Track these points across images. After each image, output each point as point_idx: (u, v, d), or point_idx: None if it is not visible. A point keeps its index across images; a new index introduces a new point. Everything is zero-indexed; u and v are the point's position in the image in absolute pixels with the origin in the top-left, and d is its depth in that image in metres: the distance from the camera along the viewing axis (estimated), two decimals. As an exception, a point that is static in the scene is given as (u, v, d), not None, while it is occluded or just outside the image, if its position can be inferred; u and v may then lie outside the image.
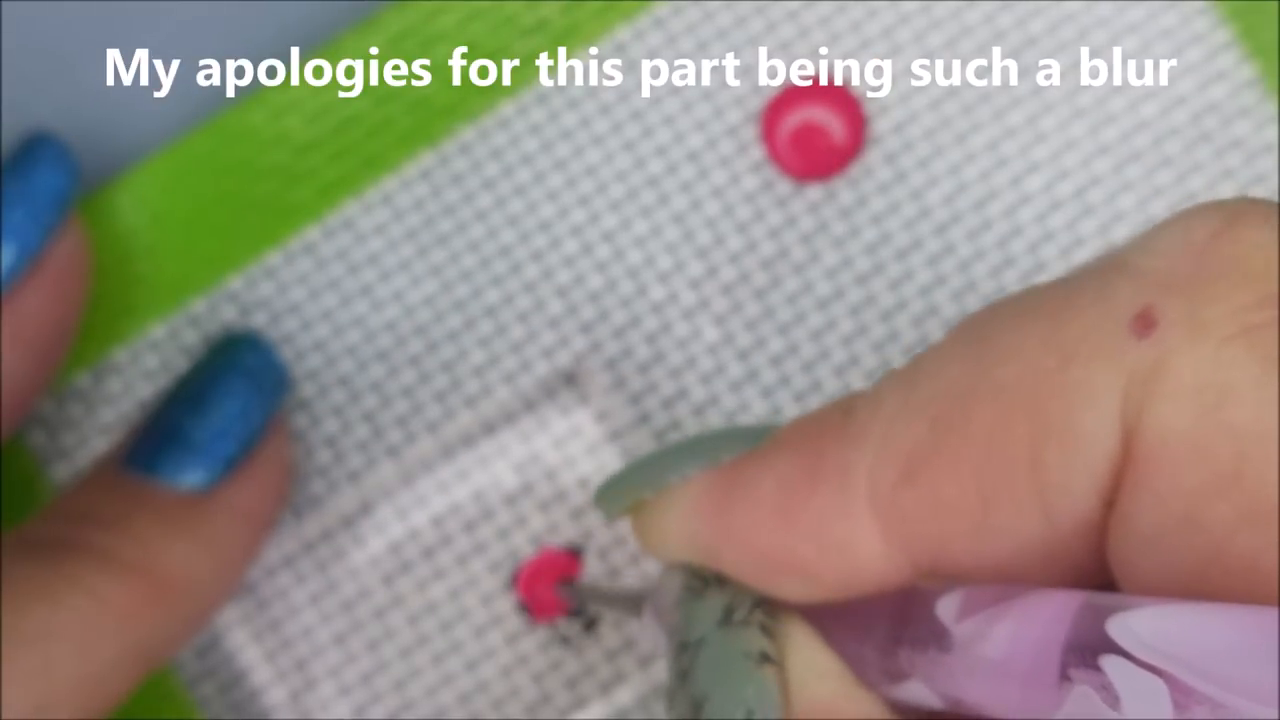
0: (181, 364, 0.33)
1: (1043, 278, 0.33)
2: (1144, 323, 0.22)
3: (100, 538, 0.30)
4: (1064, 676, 0.20)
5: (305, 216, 0.34)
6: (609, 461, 0.34)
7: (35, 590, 0.29)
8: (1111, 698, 0.20)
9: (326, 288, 0.34)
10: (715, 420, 0.34)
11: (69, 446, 0.33)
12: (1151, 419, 0.21)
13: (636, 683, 0.33)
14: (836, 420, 0.24)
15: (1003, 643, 0.21)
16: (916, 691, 0.23)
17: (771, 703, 0.23)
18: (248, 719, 0.33)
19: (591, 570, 0.34)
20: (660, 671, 0.33)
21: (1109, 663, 0.20)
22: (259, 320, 0.34)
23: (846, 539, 0.24)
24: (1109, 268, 0.23)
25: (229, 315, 0.34)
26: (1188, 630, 0.19)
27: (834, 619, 0.25)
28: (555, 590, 0.33)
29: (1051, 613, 0.21)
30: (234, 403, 0.32)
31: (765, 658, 0.24)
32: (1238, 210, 0.22)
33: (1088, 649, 0.20)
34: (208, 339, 0.33)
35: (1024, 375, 0.22)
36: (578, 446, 0.34)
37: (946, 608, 0.23)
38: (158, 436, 0.31)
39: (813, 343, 0.34)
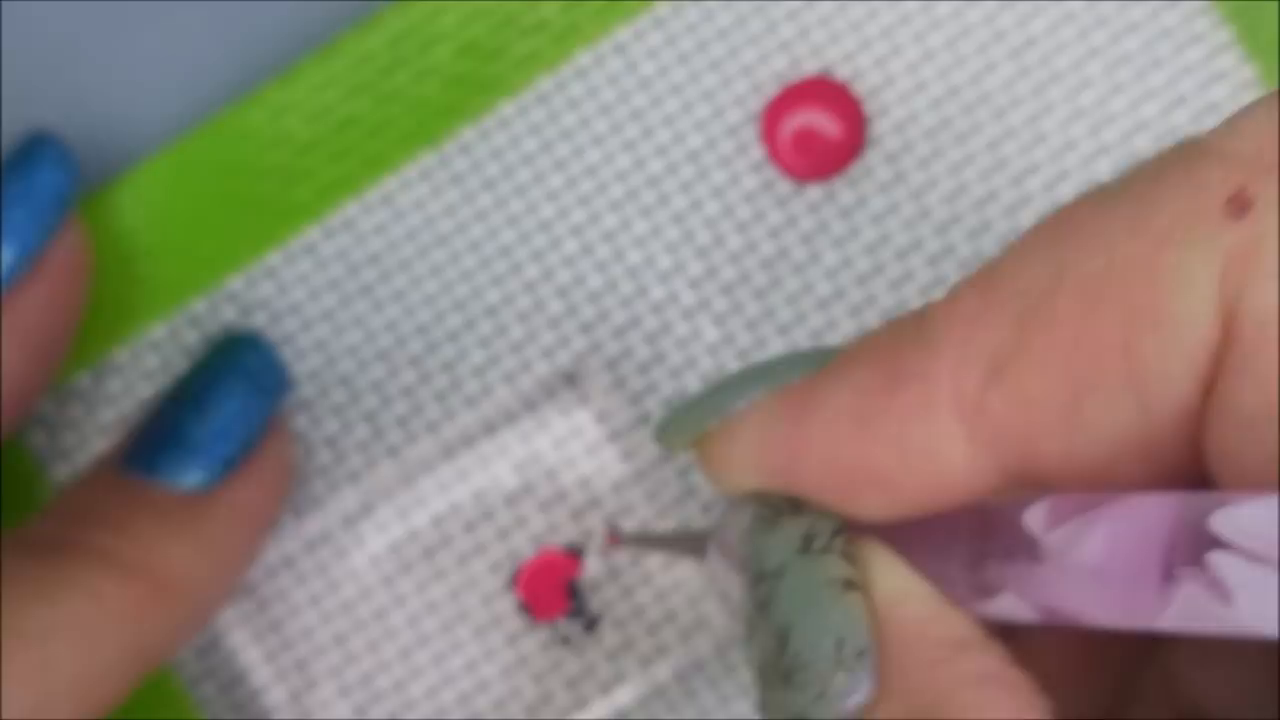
0: (181, 364, 0.33)
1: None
2: (1239, 204, 0.21)
3: (100, 538, 0.30)
4: (1168, 577, 0.20)
5: (305, 216, 0.34)
6: (609, 461, 0.34)
7: (35, 590, 0.29)
8: (1222, 594, 0.19)
9: (326, 288, 0.34)
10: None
11: (69, 446, 0.33)
12: (1251, 300, 0.21)
13: (637, 683, 0.33)
14: (911, 328, 0.23)
15: (1100, 547, 0.21)
16: (1009, 605, 0.23)
17: (860, 628, 0.23)
18: (248, 719, 0.33)
19: (592, 570, 0.34)
20: (661, 671, 0.33)
21: (1217, 558, 0.19)
22: (259, 320, 0.34)
23: (930, 445, 0.23)
24: (1193, 153, 0.22)
25: (229, 315, 0.34)
26: None
27: (917, 539, 0.24)
28: (613, 534, 0.33)
29: (1150, 513, 0.21)
30: (234, 403, 0.32)
31: (850, 584, 0.23)
32: None
33: (1193, 546, 0.20)
34: (208, 339, 0.33)
35: (1113, 264, 0.22)
36: (578, 447, 0.34)
37: (1034, 517, 0.22)
38: (158, 436, 0.31)
39: (813, 343, 0.34)
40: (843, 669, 0.22)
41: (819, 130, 0.34)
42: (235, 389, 0.32)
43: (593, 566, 0.34)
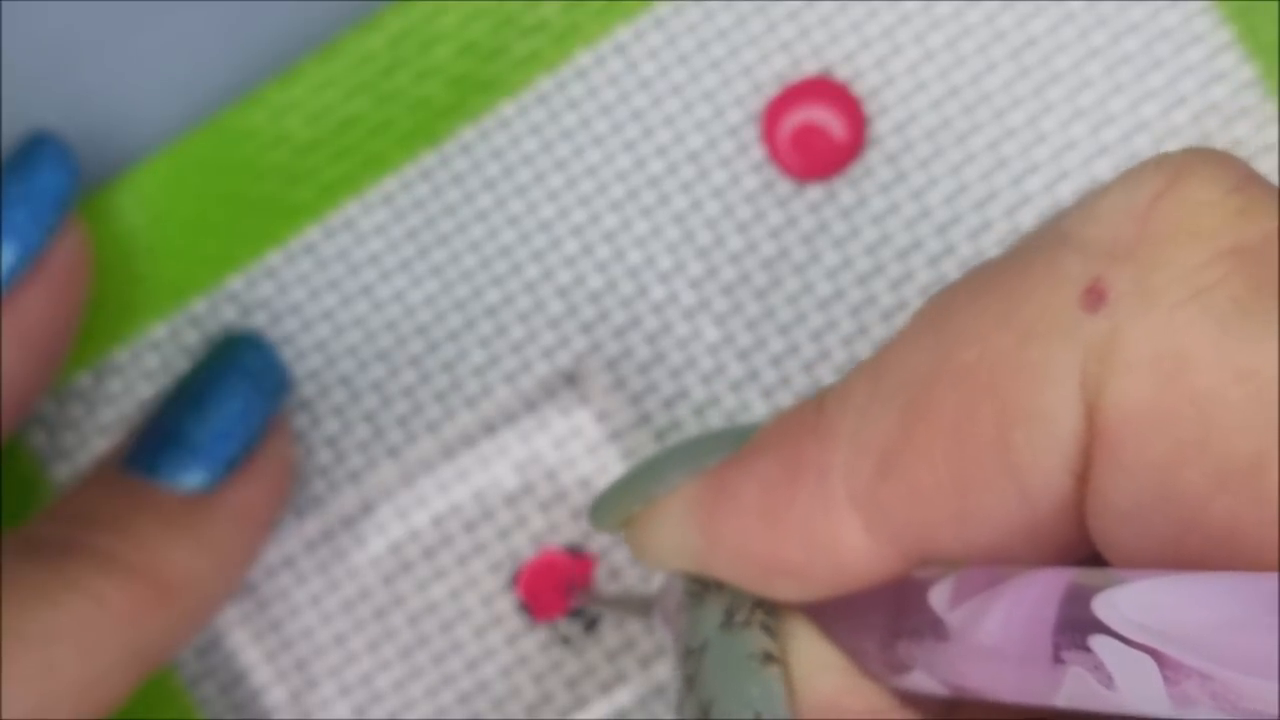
0: (182, 364, 0.33)
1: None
2: (1094, 296, 0.21)
3: (101, 539, 0.30)
4: (1057, 659, 0.20)
5: (306, 216, 0.34)
6: (609, 461, 0.34)
7: (36, 592, 0.29)
8: (1105, 677, 0.20)
9: (327, 288, 0.34)
10: (716, 420, 0.34)
11: (69, 446, 0.33)
12: (1112, 394, 0.21)
13: (637, 683, 0.33)
14: (810, 417, 0.24)
15: (995, 629, 0.21)
16: (920, 681, 0.23)
17: (777, 701, 0.23)
18: (248, 719, 0.33)
19: (593, 571, 0.34)
20: (662, 670, 0.33)
21: (1098, 643, 0.20)
22: (260, 320, 0.34)
23: (831, 538, 0.23)
24: (1054, 239, 0.22)
25: (230, 315, 0.34)
26: (1172, 604, 0.19)
27: (832, 615, 0.24)
28: (568, 596, 0.33)
29: (1038, 594, 0.21)
30: (235, 403, 0.32)
31: (769, 657, 0.24)
32: (1180, 167, 0.22)
33: (1077, 629, 0.20)
34: (208, 339, 0.33)
35: (984, 357, 0.22)
36: (578, 447, 0.34)
37: (939, 596, 0.23)
38: (158, 437, 0.31)
39: (813, 343, 0.34)
40: None
41: (819, 130, 0.34)
42: (236, 389, 0.32)
43: (602, 582, 0.34)
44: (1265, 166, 0.34)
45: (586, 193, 0.34)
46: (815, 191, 0.34)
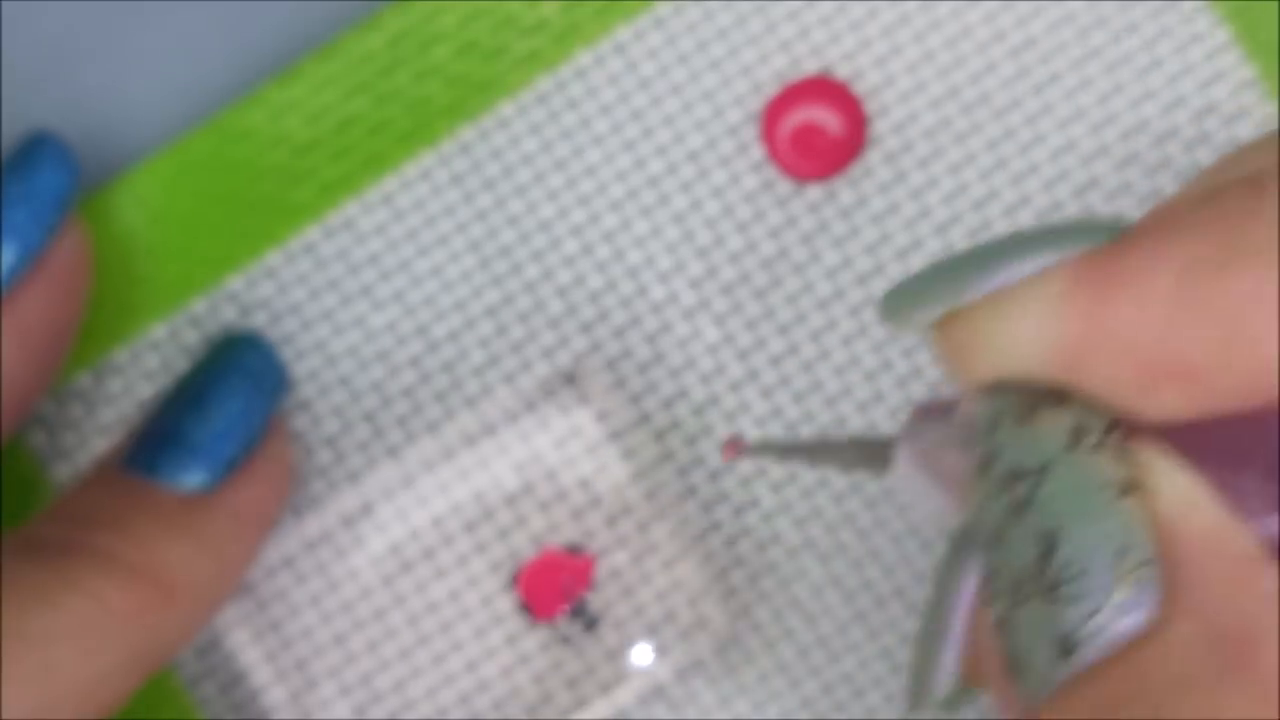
0: (182, 364, 0.33)
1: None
2: None
3: (101, 539, 0.30)
4: None
5: (305, 216, 0.34)
6: (609, 462, 0.34)
7: (36, 592, 0.29)
8: None
9: (327, 288, 0.34)
10: (716, 420, 0.34)
11: (69, 446, 0.33)
12: None
13: (637, 683, 0.33)
14: (1249, 197, 0.20)
15: None
16: None
17: (1144, 537, 0.20)
18: (248, 719, 0.33)
19: (593, 571, 0.34)
20: (662, 670, 0.33)
21: None
22: (259, 320, 0.34)
23: (1266, 330, 0.20)
24: None
25: (229, 315, 0.34)
26: None
27: (1203, 442, 0.21)
28: (735, 448, 0.28)
29: None
30: (234, 403, 0.32)
31: (1128, 487, 0.20)
32: None
33: None
34: (208, 339, 0.33)
35: None
36: (578, 446, 0.34)
37: None
38: (158, 437, 0.31)
39: (813, 343, 0.34)
40: (1124, 582, 0.20)
41: (819, 130, 0.34)
42: (236, 389, 0.32)
43: (601, 582, 0.34)
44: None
45: (586, 193, 0.34)
46: (815, 191, 0.34)
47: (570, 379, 0.34)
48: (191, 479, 0.31)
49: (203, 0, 0.34)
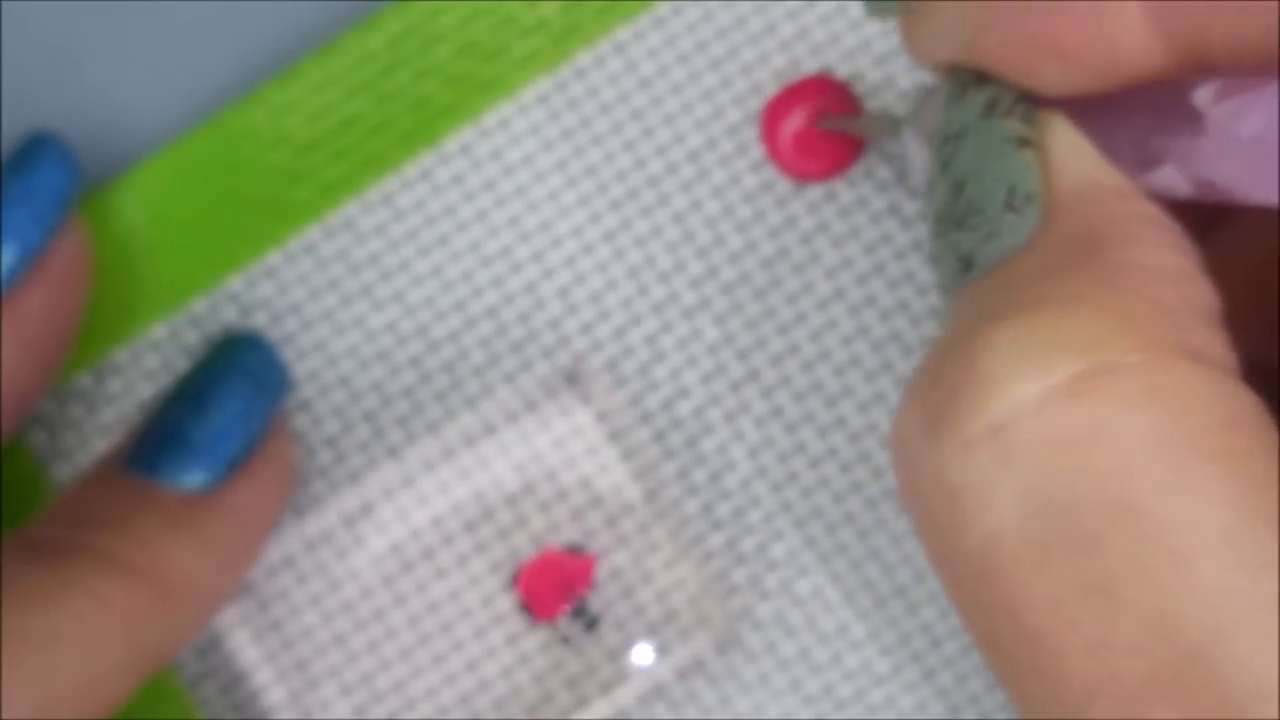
0: (182, 364, 0.33)
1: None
2: None
3: (101, 539, 0.30)
4: None
5: (306, 216, 0.34)
6: (609, 461, 0.34)
7: (36, 592, 0.29)
8: None
9: (327, 288, 0.34)
10: (716, 420, 0.34)
11: (70, 446, 0.33)
12: None
13: (637, 683, 0.33)
14: None
15: (1259, 121, 0.22)
16: (1168, 177, 0.24)
17: (1031, 177, 0.24)
18: (248, 719, 0.33)
19: (593, 571, 0.34)
20: (663, 670, 0.33)
21: None
22: (260, 320, 0.34)
23: (1110, 22, 0.24)
24: None
25: (230, 315, 0.34)
26: None
27: (1091, 113, 0.25)
28: (822, 121, 0.34)
29: None
30: (235, 403, 0.32)
31: (1025, 141, 0.25)
32: None
33: None
34: (208, 339, 0.33)
35: None
36: (578, 446, 0.34)
37: (1203, 95, 0.23)
38: (159, 437, 0.31)
39: (813, 343, 0.34)
40: (1012, 210, 0.24)
41: (819, 130, 0.34)
42: (236, 389, 0.32)
43: (600, 585, 0.34)
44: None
45: (586, 192, 0.34)
46: (815, 191, 0.34)
47: (570, 379, 0.34)
48: (192, 479, 0.31)
49: (203, 0, 0.34)
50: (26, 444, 0.33)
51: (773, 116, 0.34)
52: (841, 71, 0.34)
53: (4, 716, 0.28)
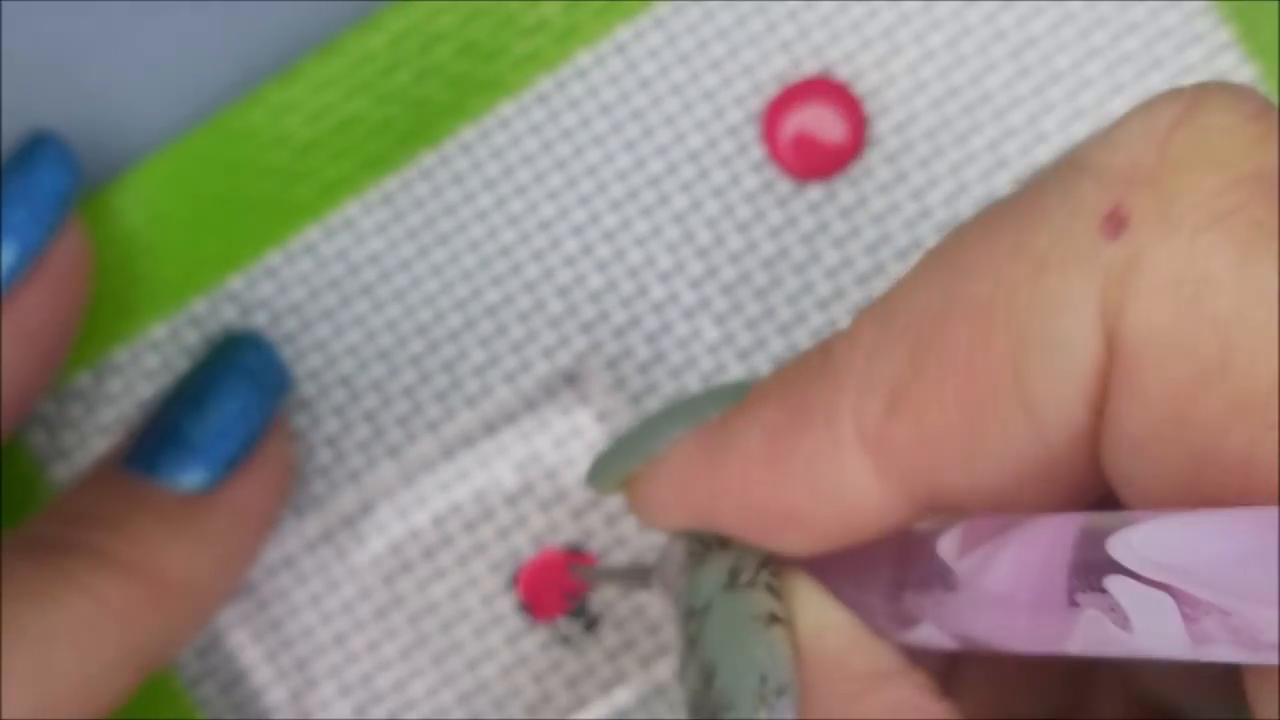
0: (182, 364, 0.33)
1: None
2: (1114, 222, 0.21)
3: (100, 538, 0.30)
4: (1071, 602, 0.20)
5: (306, 216, 0.34)
6: (609, 461, 0.34)
7: (35, 591, 0.29)
8: (1121, 618, 0.19)
9: (327, 287, 0.34)
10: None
11: (69, 446, 0.33)
12: (1131, 318, 0.21)
13: (637, 683, 0.33)
14: (816, 362, 0.23)
15: (1006, 575, 0.21)
16: (928, 634, 0.23)
17: (782, 664, 0.23)
18: (248, 719, 0.33)
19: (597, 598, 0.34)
20: (662, 670, 0.33)
21: (1114, 583, 0.19)
22: (260, 320, 0.34)
23: (839, 481, 0.23)
24: (1072, 168, 0.22)
25: (230, 315, 0.34)
26: (1188, 540, 0.19)
27: (837, 570, 0.24)
28: (567, 571, 0.33)
29: (1052, 538, 0.21)
30: (235, 403, 0.32)
31: (773, 618, 0.23)
32: (1198, 95, 0.22)
33: (1091, 571, 0.20)
34: (208, 339, 0.33)
35: (998, 288, 0.22)
36: (578, 446, 0.34)
37: (947, 545, 0.22)
38: (158, 436, 0.31)
39: (813, 342, 0.34)
40: (765, 706, 0.23)
41: (819, 130, 0.34)
42: (236, 389, 0.32)
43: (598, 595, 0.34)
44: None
45: (586, 192, 0.34)
46: (815, 191, 0.34)
47: (570, 379, 0.34)
48: (191, 478, 0.31)
49: (203, 0, 0.34)
50: (26, 444, 0.33)
51: (773, 117, 0.34)
52: (841, 71, 0.34)
53: (3, 714, 0.28)
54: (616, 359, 0.34)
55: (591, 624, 0.34)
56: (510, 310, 0.34)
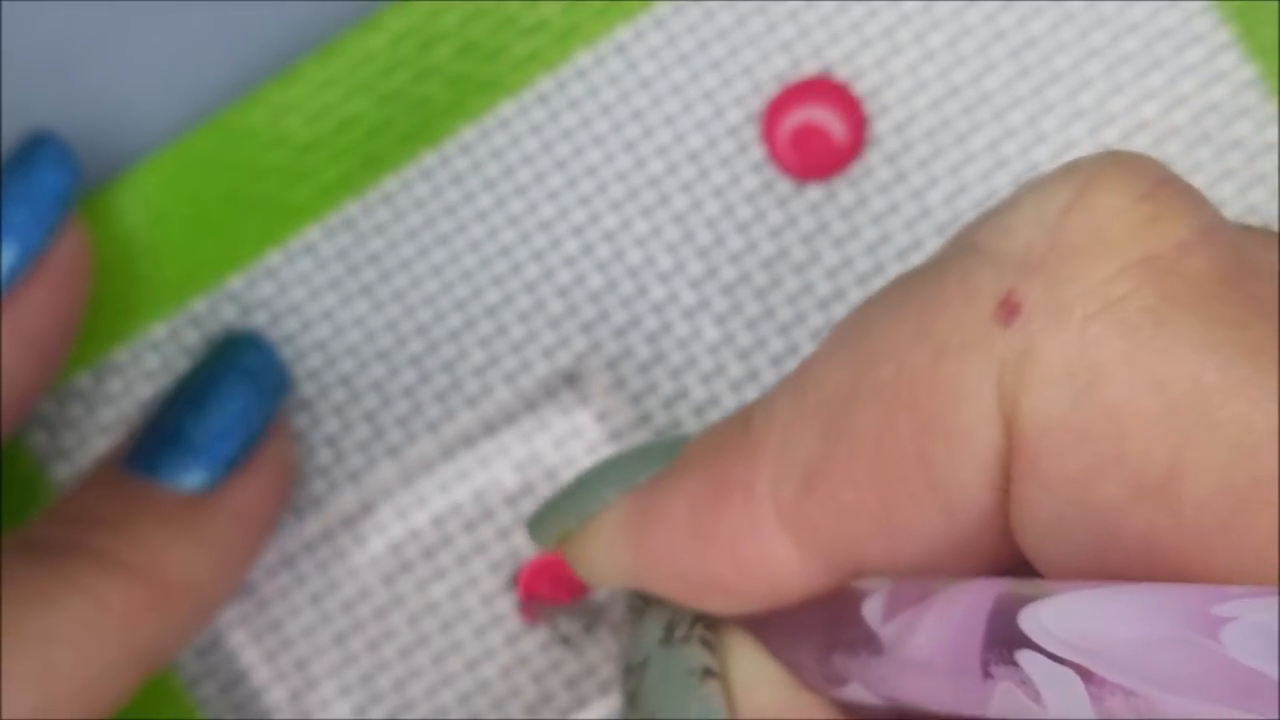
0: (182, 364, 0.33)
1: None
2: (1008, 309, 0.21)
3: (101, 539, 0.30)
4: (986, 674, 0.20)
5: (306, 216, 0.34)
6: (609, 461, 0.34)
7: (36, 592, 0.29)
8: (1033, 692, 0.20)
9: (327, 287, 0.34)
10: (717, 420, 0.34)
11: (69, 446, 0.33)
12: (1027, 408, 0.21)
13: (637, 683, 0.33)
14: (736, 434, 0.24)
15: (926, 643, 0.21)
16: (858, 693, 0.23)
17: (717, 716, 0.23)
18: (248, 719, 0.33)
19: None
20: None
21: (1025, 658, 0.20)
22: (260, 320, 0.34)
23: (760, 554, 0.23)
24: (967, 252, 0.22)
25: (230, 315, 0.34)
26: (1096, 618, 0.19)
27: (770, 628, 0.24)
28: (527, 610, 0.33)
29: (965, 609, 0.21)
30: (235, 403, 0.32)
31: (708, 672, 0.24)
32: (1091, 174, 0.22)
33: (1004, 645, 0.20)
34: (208, 339, 0.33)
35: (901, 373, 0.22)
36: (578, 446, 0.34)
37: (872, 610, 0.23)
38: (158, 437, 0.31)
39: (813, 343, 0.34)
40: None
41: (819, 130, 0.34)
42: (236, 389, 0.32)
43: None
44: (1265, 166, 0.34)
45: (586, 192, 0.34)
46: (815, 191, 0.34)
47: (570, 379, 0.34)
48: (191, 479, 0.31)
49: (203, 0, 0.34)
50: (26, 444, 0.33)
51: (773, 117, 0.34)
52: (841, 71, 0.34)
53: (4, 715, 0.28)
54: (616, 359, 0.34)
55: (591, 624, 0.34)
56: (510, 310, 0.34)
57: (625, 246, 0.34)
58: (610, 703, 0.33)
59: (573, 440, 0.34)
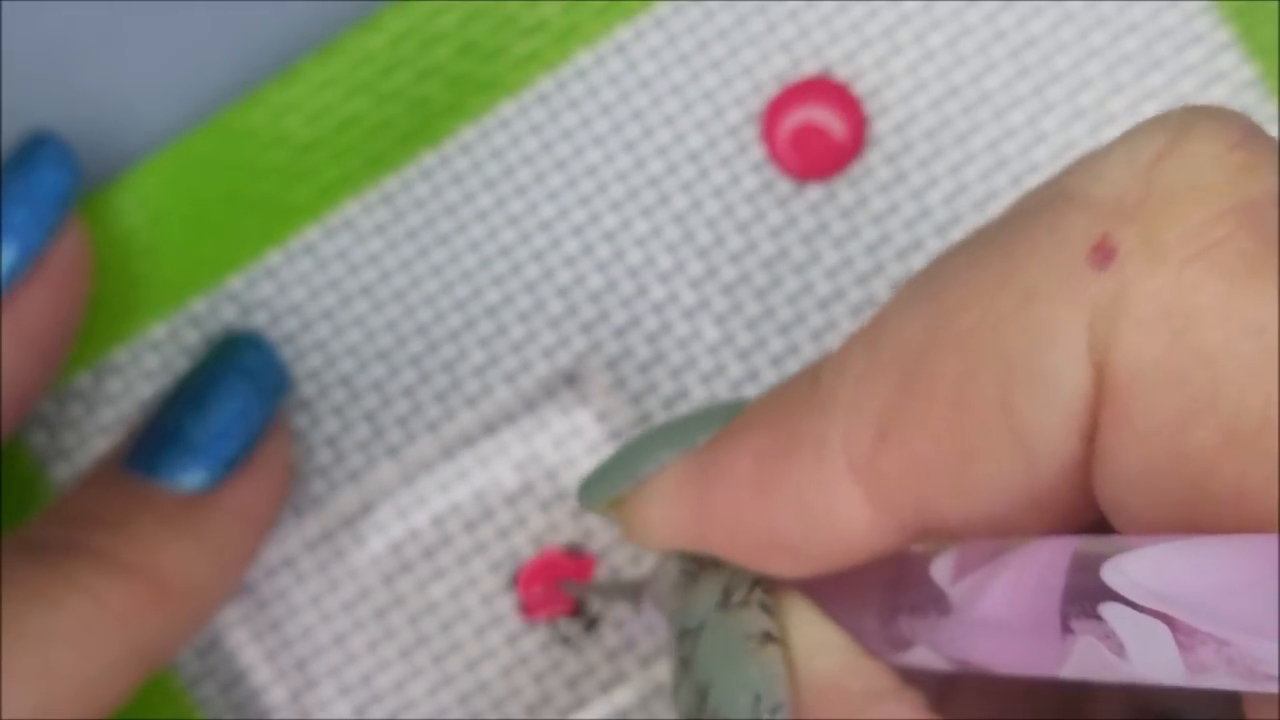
0: (182, 364, 0.33)
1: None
2: (1102, 254, 0.21)
3: (100, 539, 0.30)
4: (1066, 629, 0.20)
5: (305, 216, 0.34)
6: (609, 461, 0.34)
7: (35, 592, 0.29)
8: (1116, 645, 0.19)
9: (327, 287, 0.34)
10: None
11: (69, 446, 0.33)
12: (1120, 351, 0.21)
13: (637, 683, 0.33)
14: (805, 389, 0.23)
15: (1000, 601, 0.21)
16: (923, 656, 0.23)
17: (777, 683, 0.23)
18: (248, 719, 0.33)
19: (593, 571, 0.34)
20: (662, 670, 0.33)
21: (1109, 610, 0.19)
22: (259, 320, 0.34)
23: (829, 510, 0.23)
24: (1059, 198, 0.22)
25: (229, 315, 0.34)
26: (1183, 568, 0.19)
27: (832, 592, 0.24)
28: (559, 588, 0.33)
29: (1044, 564, 0.21)
30: (234, 403, 0.32)
31: (768, 637, 0.23)
32: (1183, 123, 0.22)
33: (1086, 598, 0.20)
34: (208, 339, 0.33)
35: (984, 320, 0.22)
36: (578, 446, 0.34)
37: (941, 570, 0.22)
38: (158, 437, 0.31)
39: (813, 343, 0.34)
40: None
41: (819, 130, 0.34)
42: (236, 389, 0.32)
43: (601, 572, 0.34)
44: (1265, 166, 0.34)
45: (586, 192, 0.34)
46: (815, 191, 0.34)
47: (570, 379, 0.34)
48: (191, 479, 0.31)
49: (203, 0, 0.34)
50: (26, 444, 0.33)
51: (773, 117, 0.34)
52: (841, 71, 0.34)
53: (4, 715, 0.28)
54: (616, 359, 0.34)
55: (591, 624, 0.34)
56: (510, 310, 0.34)
57: (625, 246, 0.34)
58: (610, 703, 0.33)
59: (573, 440, 0.34)
